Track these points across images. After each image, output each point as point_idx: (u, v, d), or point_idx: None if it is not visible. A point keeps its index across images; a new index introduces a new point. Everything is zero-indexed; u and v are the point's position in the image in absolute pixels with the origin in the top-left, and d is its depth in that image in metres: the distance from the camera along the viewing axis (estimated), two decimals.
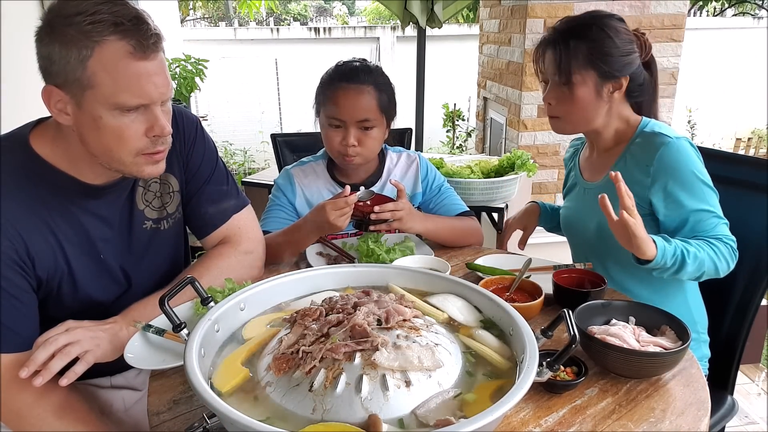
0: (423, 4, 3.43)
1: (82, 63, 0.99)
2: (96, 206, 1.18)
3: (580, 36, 1.40)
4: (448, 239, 1.66)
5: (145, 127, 1.06)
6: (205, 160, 1.35)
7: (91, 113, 1.02)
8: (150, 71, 1.03)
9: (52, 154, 1.11)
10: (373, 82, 1.58)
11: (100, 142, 1.06)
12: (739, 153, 6.60)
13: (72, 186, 1.13)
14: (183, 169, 1.32)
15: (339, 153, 1.60)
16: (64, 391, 1.06)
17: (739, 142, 7.43)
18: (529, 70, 3.00)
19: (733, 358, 1.55)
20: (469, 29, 7.75)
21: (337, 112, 1.56)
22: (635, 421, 0.92)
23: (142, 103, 1.04)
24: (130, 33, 1.00)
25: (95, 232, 1.18)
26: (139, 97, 1.03)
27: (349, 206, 1.42)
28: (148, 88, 1.03)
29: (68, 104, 1.03)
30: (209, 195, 1.35)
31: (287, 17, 15.69)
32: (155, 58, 1.04)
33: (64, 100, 1.03)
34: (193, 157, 1.33)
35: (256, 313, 1.03)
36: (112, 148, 1.06)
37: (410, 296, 1.06)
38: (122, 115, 1.03)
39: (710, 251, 1.30)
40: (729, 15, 10.23)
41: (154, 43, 1.03)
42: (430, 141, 6.57)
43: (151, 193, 1.28)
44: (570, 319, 0.86)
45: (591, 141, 1.58)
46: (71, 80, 1.00)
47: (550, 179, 3.20)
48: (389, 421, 0.76)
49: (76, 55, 0.98)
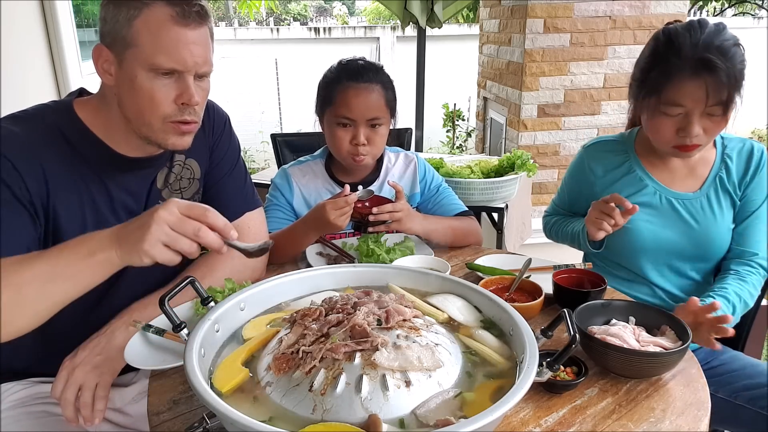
0: (423, 4, 3.43)
1: (129, 21, 1.06)
2: (127, 180, 1.21)
3: (733, 57, 1.32)
4: (447, 239, 1.66)
5: (176, 93, 1.11)
6: (228, 155, 1.40)
7: (129, 72, 1.08)
8: (189, 39, 1.08)
9: (93, 122, 1.16)
10: (380, 80, 1.58)
11: (134, 103, 1.11)
12: None
13: (107, 155, 1.17)
14: (207, 159, 1.37)
15: (348, 153, 1.60)
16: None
17: None
18: (529, 70, 3.01)
19: None
20: (469, 29, 7.75)
21: (348, 112, 1.56)
22: (635, 421, 0.92)
23: (176, 69, 1.09)
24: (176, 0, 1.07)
25: (121, 204, 1.21)
26: (175, 61, 1.08)
27: (349, 205, 1.42)
28: (183, 54, 1.08)
29: (112, 64, 1.09)
30: (226, 189, 1.39)
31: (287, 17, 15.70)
32: (196, 28, 1.09)
33: (109, 60, 1.09)
34: (218, 149, 1.38)
35: (256, 313, 1.03)
36: (144, 110, 1.11)
37: (410, 296, 1.06)
38: (156, 78, 1.08)
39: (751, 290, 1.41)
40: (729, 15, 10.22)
41: (198, 13, 1.09)
42: (430, 141, 6.57)
43: (173, 174, 1.31)
44: (570, 319, 0.86)
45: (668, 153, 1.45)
46: (118, 39, 1.07)
47: (550, 179, 3.20)
48: (389, 421, 0.76)
49: (125, 14, 1.06)
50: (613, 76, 3.04)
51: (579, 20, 2.93)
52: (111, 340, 1.13)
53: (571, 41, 2.97)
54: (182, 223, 0.89)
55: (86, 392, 1.09)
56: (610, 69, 3.03)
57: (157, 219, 0.87)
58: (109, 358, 1.12)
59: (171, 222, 0.88)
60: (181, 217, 0.89)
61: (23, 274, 0.92)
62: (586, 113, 3.11)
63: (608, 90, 3.08)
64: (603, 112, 3.10)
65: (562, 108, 3.08)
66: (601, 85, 3.06)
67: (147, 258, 0.89)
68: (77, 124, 1.15)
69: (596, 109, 3.10)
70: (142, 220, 0.90)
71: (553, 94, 3.05)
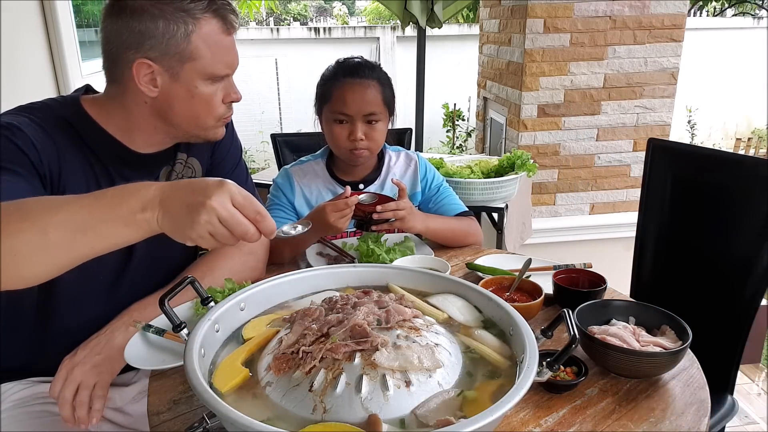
0: (423, 4, 3.43)
1: (187, 37, 1.10)
2: (131, 174, 1.21)
3: None
4: (448, 239, 1.66)
5: (224, 94, 1.19)
6: (230, 155, 1.42)
7: (187, 83, 1.13)
8: (233, 45, 1.18)
9: (101, 118, 1.18)
10: (377, 77, 1.59)
11: (190, 110, 1.16)
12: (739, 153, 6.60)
13: (115, 149, 1.19)
14: (209, 158, 1.38)
15: (346, 149, 1.60)
16: None
17: (739, 142, 7.43)
18: (529, 70, 3.00)
19: (733, 358, 1.55)
20: (469, 29, 7.74)
21: (344, 107, 1.56)
22: (635, 421, 0.92)
23: (229, 73, 1.18)
24: (221, 11, 1.13)
25: None
26: (229, 67, 1.18)
27: (349, 207, 1.42)
28: (234, 60, 1.18)
29: (159, 75, 1.12)
30: None
31: (287, 17, 15.68)
32: (235, 33, 1.18)
33: (156, 71, 1.11)
34: (220, 149, 1.39)
35: (256, 313, 1.03)
36: (200, 115, 1.18)
37: (410, 296, 1.06)
38: (212, 84, 1.16)
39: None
40: (729, 15, 10.22)
41: (234, 21, 1.17)
42: (430, 141, 6.56)
43: (175, 172, 1.31)
44: (570, 319, 0.86)
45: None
46: (172, 54, 1.10)
47: (550, 179, 3.19)
48: (389, 421, 0.76)
49: (183, 30, 1.09)
50: (613, 76, 3.04)
51: (579, 20, 2.92)
52: (111, 339, 1.13)
53: (571, 41, 2.96)
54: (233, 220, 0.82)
55: (84, 391, 1.09)
56: (610, 69, 3.03)
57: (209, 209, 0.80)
58: (108, 357, 1.12)
59: (223, 217, 0.81)
60: (233, 213, 0.82)
61: (53, 217, 0.81)
62: (586, 113, 3.10)
63: (608, 90, 3.07)
64: (603, 112, 3.10)
65: (562, 108, 3.07)
66: (601, 85, 3.06)
67: (190, 242, 0.84)
68: (85, 118, 1.17)
69: (596, 109, 3.10)
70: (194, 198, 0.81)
71: (553, 94, 3.05)
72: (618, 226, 3.15)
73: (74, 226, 0.81)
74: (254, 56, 7.30)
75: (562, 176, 3.21)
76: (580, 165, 3.20)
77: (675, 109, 3.20)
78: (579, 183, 3.23)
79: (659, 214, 1.81)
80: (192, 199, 0.81)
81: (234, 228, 0.83)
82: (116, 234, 0.83)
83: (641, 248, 1.87)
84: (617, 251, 2.82)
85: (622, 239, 2.95)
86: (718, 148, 5.71)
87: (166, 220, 0.82)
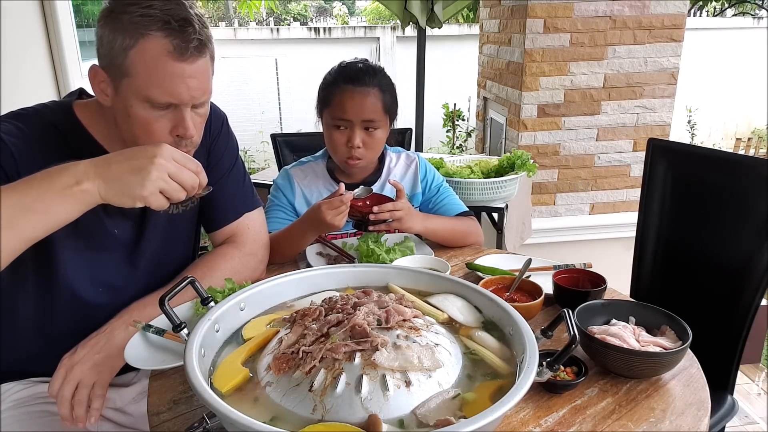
0: (423, 4, 3.43)
1: (124, 51, 1.03)
2: None
3: None
4: (447, 239, 1.66)
5: (172, 125, 1.09)
6: (227, 155, 1.39)
7: (124, 100, 1.07)
8: (186, 73, 1.05)
9: (92, 124, 1.16)
10: (378, 84, 1.58)
11: (129, 129, 1.10)
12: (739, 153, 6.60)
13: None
14: (205, 159, 1.35)
15: (343, 155, 1.60)
16: None
17: (739, 142, 7.43)
18: (529, 70, 3.00)
19: (733, 358, 1.55)
20: (469, 29, 7.75)
21: (343, 113, 1.56)
22: (635, 421, 0.92)
23: (172, 102, 1.06)
24: (174, 33, 1.03)
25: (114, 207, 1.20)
26: (169, 95, 1.05)
27: (344, 204, 1.42)
28: (179, 88, 1.05)
29: (108, 86, 1.08)
30: (225, 189, 1.37)
31: (287, 17, 15.68)
32: (194, 62, 1.06)
33: (106, 81, 1.08)
34: (216, 150, 1.37)
35: (256, 313, 1.03)
36: (139, 138, 1.09)
37: (410, 296, 1.06)
38: (151, 109, 1.06)
39: None
40: (729, 15, 10.22)
41: (196, 47, 1.05)
42: (430, 141, 6.56)
43: None
44: (570, 319, 0.86)
45: None
46: (114, 65, 1.05)
47: (550, 179, 3.19)
48: (389, 421, 0.76)
49: (120, 42, 1.02)
50: (613, 76, 3.04)
51: (579, 20, 2.92)
52: (111, 338, 1.13)
53: (571, 41, 2.96)
54: (182, 173, 0.88)
55: (83, 390, 1.08)
56: (610, 69, 3.03)
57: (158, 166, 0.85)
58: (108, 356, 1.12)
59: (172, 171, 0.86)
60: (180, 168, 0.89)
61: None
62: (586, 113, 3.10)
63: (608, 90, 3.07)
64: (603, 112, 3.10)
65: (562, 108, 3.07)
66: (601, 85, 3.06)
67: (141, 203, 0.88)
68: (76, 126, 1.15)
69: (596, 109, 3.10)
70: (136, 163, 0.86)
71: (553, 94, 3.05)
72: (618, 226, 3.15)
73: (14, 208, 0.87)
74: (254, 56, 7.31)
75: (562, 176, 3.22)
76: (580, 165, 3.21)
77: (675, 109, 3.20)
78: (579, 183, 3.23)
79: (659, 214, 1.81)
80: (135, 163, 0.87)
81: (185, 181, 0.88)
82: (55, 210, 0.89)
83: (641, 248, 1.87)
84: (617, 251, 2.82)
85: (622, 239, 2.95)
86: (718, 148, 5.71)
87: (109, 188, 0.88)
